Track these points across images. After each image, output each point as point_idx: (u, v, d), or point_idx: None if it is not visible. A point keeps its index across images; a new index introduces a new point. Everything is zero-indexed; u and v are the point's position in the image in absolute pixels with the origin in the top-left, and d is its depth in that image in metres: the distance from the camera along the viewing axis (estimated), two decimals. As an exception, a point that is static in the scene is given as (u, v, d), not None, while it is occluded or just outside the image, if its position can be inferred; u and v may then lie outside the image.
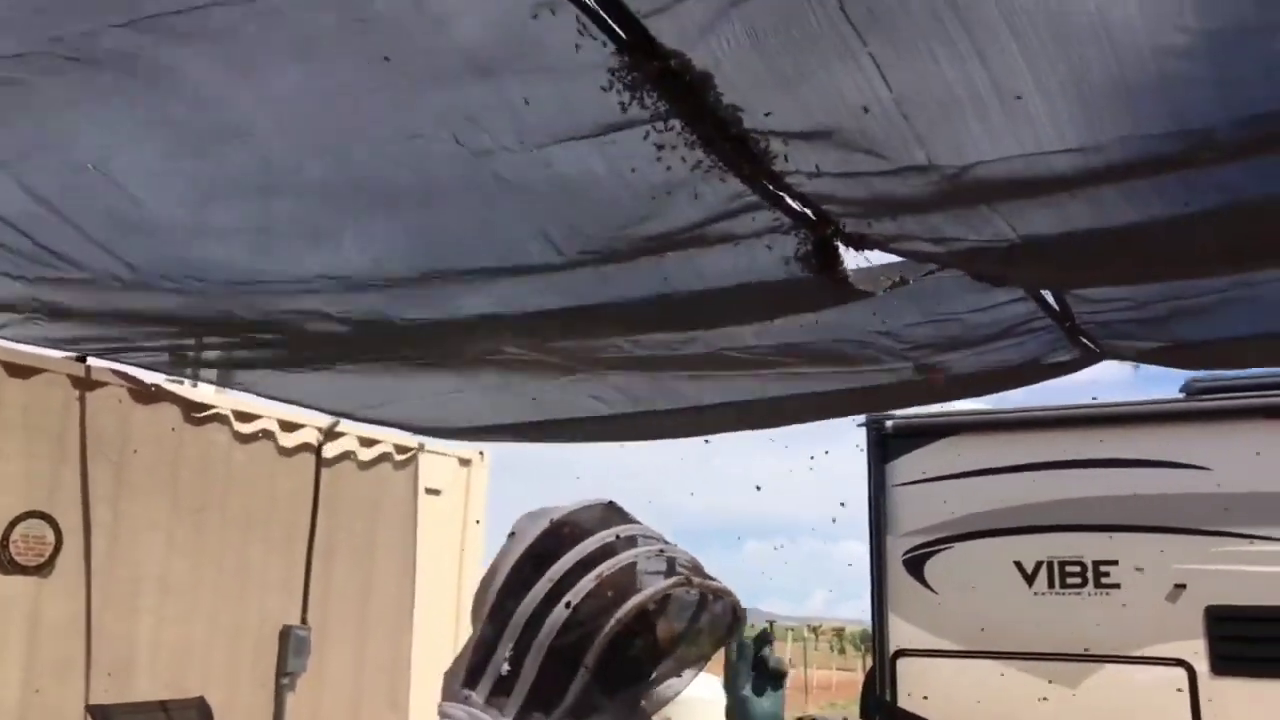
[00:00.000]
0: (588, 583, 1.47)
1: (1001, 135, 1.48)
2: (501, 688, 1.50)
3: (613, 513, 1.61)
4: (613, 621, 1.44)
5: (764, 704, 1.68)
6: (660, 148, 1.59)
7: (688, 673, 1.65)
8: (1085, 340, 3.60)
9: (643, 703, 1.61)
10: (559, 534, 1.55)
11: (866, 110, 1.36)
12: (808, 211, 1.96)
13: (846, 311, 3.20)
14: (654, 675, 1.62)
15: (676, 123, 1.47)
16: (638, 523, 1.62)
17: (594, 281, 2.65)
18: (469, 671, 1.54)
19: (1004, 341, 3.65)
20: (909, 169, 1.56)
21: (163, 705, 5.06)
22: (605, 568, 1.48)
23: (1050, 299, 3.21)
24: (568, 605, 1.46)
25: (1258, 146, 1.71)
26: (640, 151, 1.63)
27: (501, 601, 1.54)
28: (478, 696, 1.51)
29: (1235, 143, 1.65)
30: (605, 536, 1.53)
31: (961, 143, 1.48)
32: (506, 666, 1.50)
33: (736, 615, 1.61)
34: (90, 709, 4.81)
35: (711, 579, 1.56)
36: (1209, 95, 1.48)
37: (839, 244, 2.23)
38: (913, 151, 1.50)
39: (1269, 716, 5.69)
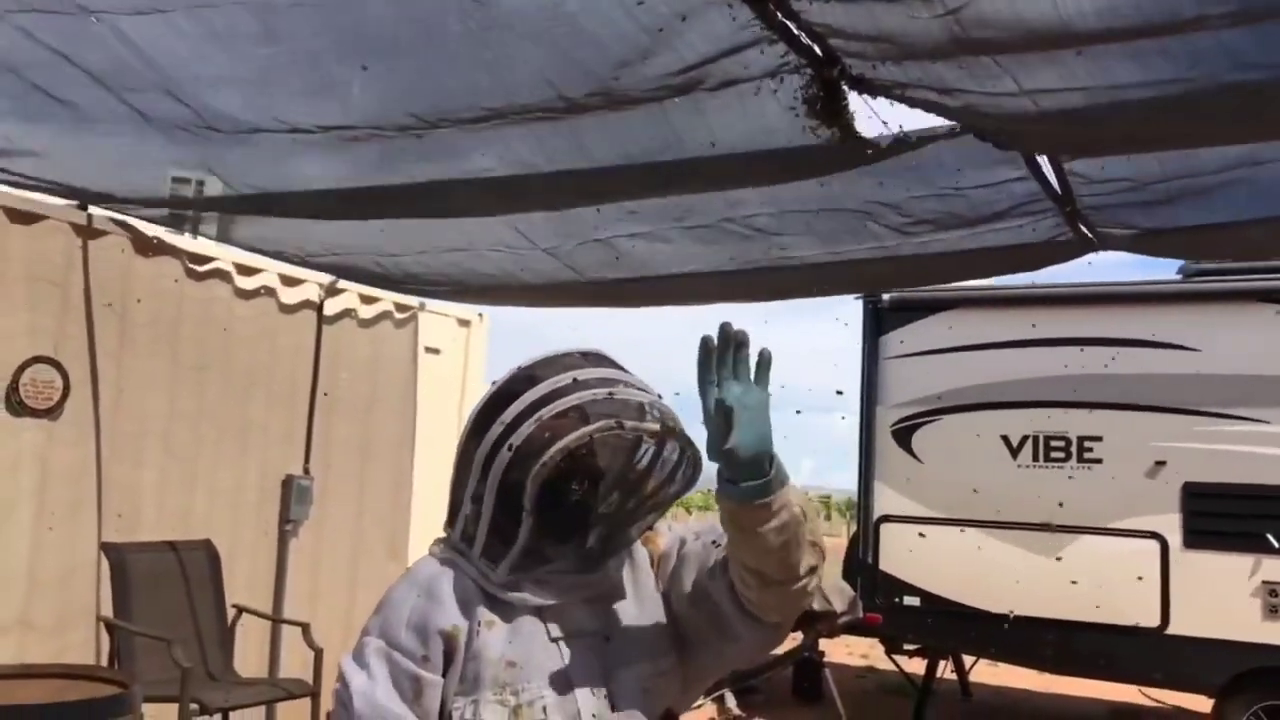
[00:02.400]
0: (528, 426, 1.46)
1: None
2: (469, 527, 1.53)
3: (582, 358, 1.56)
4: (538, 465, 1.43)
5: (738, 392, 1.33)
6: None
7: (650, 516, 1.62)
8: (1084, 228, 3.61)
9: (592, 544, 1.57)
10: (520, 378, 1.54)
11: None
12: (814, 47, 1.95)
13: (852, 182, 3.18)
14: (614, 519, 1.59)
15: None
16: (613, 368, 1.57)
17: (598, 134, 2.62)
18: (448, 511, 1.59)
19: (1004, 223, 3.65)
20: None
21: (172, 545, 5.25)
22: (546, 411, 1.47)
23: (1052, 179, 3.20)
24: (510, 448, 1.47)
25: (1266, 11, 1.70)
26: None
27: (465, 444, 1.56)
28: (455, 534, 1.57)
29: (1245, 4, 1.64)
30: (559, 380, 1.50)
31: None
32: (469, 507, 1.53)
33: (693, 463, 1.56)
34: (103, 547, 4.98)
35: (662, 424, 1.50)
36: None
37: (844, 87, 2.20)
38: None
39: (1233, 587, 5.92)
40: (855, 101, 2.28)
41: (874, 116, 2.46)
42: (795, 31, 1.92)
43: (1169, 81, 2.02)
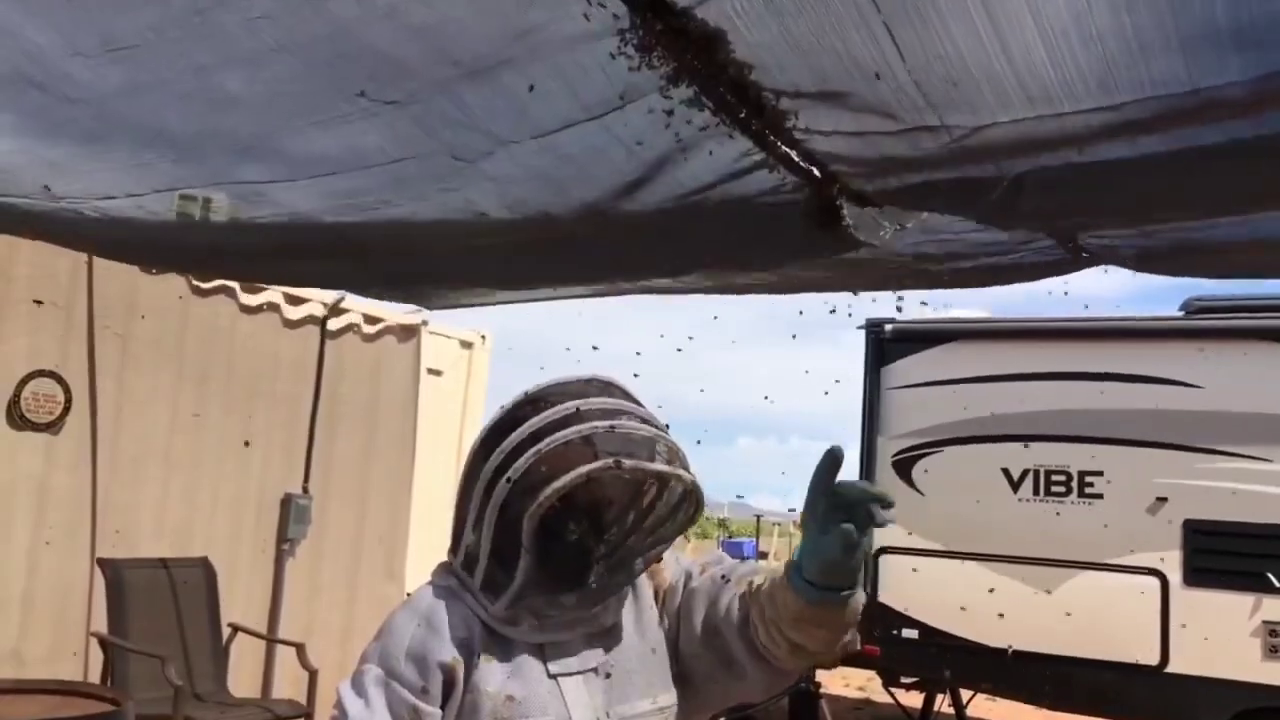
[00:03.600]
0: (526, 459, 1.43)
1: (1013, 99, 1.48)
2: (470, 558, 1.51)
3: (589, 386, 1.53)
4: (534, 504, 1.41)
5: (825, 541, 1.35)
6: (669, 114, 1.58)
7: (650, 554, 1.58)
8: (1085, 254, 3.59)
9: (592, 582, 1.52)
10: (524, 405, 1.51)
11: (879, 76, 1.36)
12: (813, 170, 1.96)
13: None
14: (611, 558, 1.54)
15: (686, 84, 1.46)
16: (620, 398, 1.53)
17: (592, 228, 2.64)
18: (452, 537, 1.57)
19: (1006, 257, 3.65)
20: (920, 129, 1.56)
21: (168, 562, 5.23)
22: (545, 444, 1.43)
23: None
24: (508, 480, 1.44)
25: (1271, 101, 1.71)
26: (647, 123, 1.61)
27: (468, 469, 1.53)
28: (457, 563, 1.54)
29: (1249, 98, 1.65)
30: (563, 410, 1.47)
31: (975, 106, 1.48)
32: (470, 535, 1.50)
33: (694, 500, 1.53)
34: (99, 562, 4.97)
35: (665, 462, 1.46)
36: (1226, 51, 1.47)
37: (841, 203, 2.22)
38: (924, 115, 1.50)
39: (1233, 626, 5.88)
40: (854, 213, 2.30)
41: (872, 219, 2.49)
42: (795, 159, 1.92)
43: (1168, 157, 2.05)
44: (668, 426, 1.55)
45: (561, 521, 1.47)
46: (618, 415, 1.47)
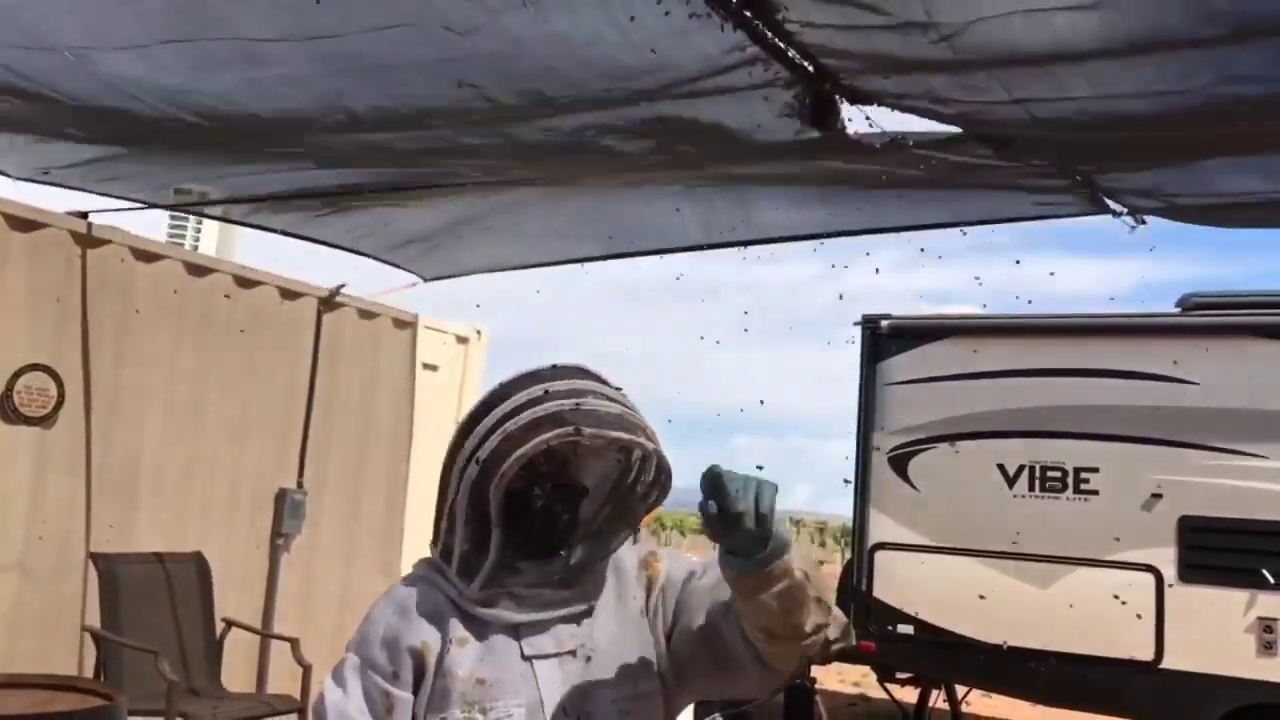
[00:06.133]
0: (494, 439, 1.47)
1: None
2: (447, 544, 1.54)
3: (555, 370, 1.55)
4: (498, 475, 1.44)
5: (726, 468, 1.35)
6: (660, 1, 1.58)
7: (622, 532, 1.61)
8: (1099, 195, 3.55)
9: (569, 558, 1.56)
10: (496, 394, 1.55)
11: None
12: (807, 65, 1.96)
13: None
14: (584, 535, 1.58)
15: None
16: (589, 379, 1.55)
17: (590, 124, 2.63)
18: (433, 530, 1.59)
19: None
20: (910, 24, 1.57)
21: (161, 557, 5.22)
22: (512, 423, 1.47)
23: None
24: (476, 461, 1.48)
25: (1255, 30, 1.71)
26: (643, 4, 1.62)
27: (445, 463, 1.57)
28: (436, 553, 1.57)
29: (1242, 22, 1.65)
30: (530, 392, 1.50)
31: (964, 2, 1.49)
32: (445, 522, 1.54)
33: (661, 472, 1.55)
34: (92, 556, 4.95)
35: (625, 431, 1.48)
36: None
37: (838, 97, 2.23)
38: (911, 8, 1.51)
39: (1228, 622, 5.88)
40: (849, 110, 2.30)
41: (870, 122, 2.48)
42: (789, 53, 1.93)
43: (1161, 94, 2.04)
44: (635, 409, 1.55)
45: (528, 492, 1.51)
46: (583, 395, 1.50)
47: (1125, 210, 3.58)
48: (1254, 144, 2.61)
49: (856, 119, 2.41)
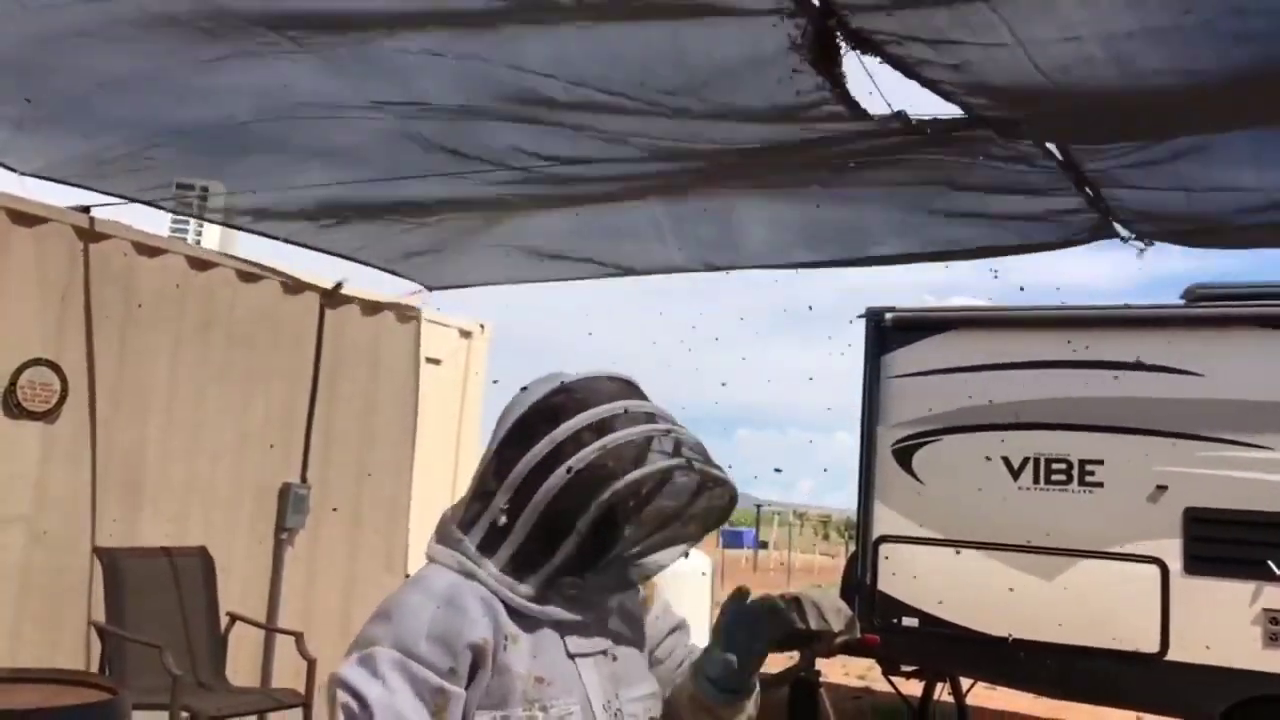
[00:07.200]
0: (591, 451, 1.46)
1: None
2: (494, 538, 1.50)
3: (625, 386, 1.59)
4: (610, 492, 1.44)
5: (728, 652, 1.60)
6: None
7: (676, 549, 1.66)
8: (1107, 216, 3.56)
9: (628, 571, 1.63)
10: (569, 396, 1.54)
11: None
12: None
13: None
14: (642, 548, 1.64)
15: None
16: (648, 400, 1.60)
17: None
18: (467, 517, 1.54)
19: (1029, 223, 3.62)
20: None
21: (166, 551, 5.22)
22: (611, 439, 1.47)
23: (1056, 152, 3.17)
24: (569, 470, 1.45)
25: None
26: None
27: (503, 452, 1.53)
28: (470, 543, 1.52)
29: None
30: (615, 408, 1.52)
31: None
32: (503, 519, 1.50)
33: (731, 502, 1.61)
34: (97, 551, 4.95)
35: (713, 466, 1.56)
36: None
37: (839, 38, 2.24)
38: None
39: (1233, 614, 5.87)
40: (850, 60, 2.33)
41: (870, 79, 2.49)
42: None
43: (1164, 29, 2.04)
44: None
45: (617, 512, 1.54)
46: (657, 419, 1.55)
47: (1133, 235, 3.61)
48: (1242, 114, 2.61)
49: (856, 74, 2.42)
